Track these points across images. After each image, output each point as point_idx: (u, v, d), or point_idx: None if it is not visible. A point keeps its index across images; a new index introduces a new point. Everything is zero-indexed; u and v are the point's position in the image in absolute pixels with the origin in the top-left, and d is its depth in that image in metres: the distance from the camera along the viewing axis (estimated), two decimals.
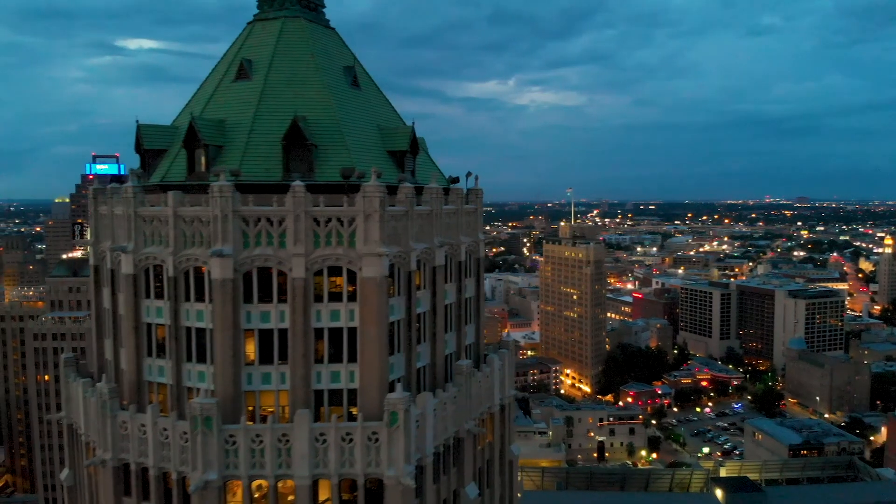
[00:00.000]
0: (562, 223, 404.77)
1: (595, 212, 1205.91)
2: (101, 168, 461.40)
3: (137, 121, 51.31)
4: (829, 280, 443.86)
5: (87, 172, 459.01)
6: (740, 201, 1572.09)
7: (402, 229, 47.05)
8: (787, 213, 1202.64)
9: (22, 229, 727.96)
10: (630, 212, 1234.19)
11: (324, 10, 57.80)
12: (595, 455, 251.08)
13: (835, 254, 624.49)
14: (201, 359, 45.99)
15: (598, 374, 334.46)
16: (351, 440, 43.49)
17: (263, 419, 45.01)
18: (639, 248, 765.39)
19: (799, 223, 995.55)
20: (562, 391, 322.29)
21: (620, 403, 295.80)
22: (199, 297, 45.82)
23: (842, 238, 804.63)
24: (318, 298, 45.14)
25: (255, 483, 44.52)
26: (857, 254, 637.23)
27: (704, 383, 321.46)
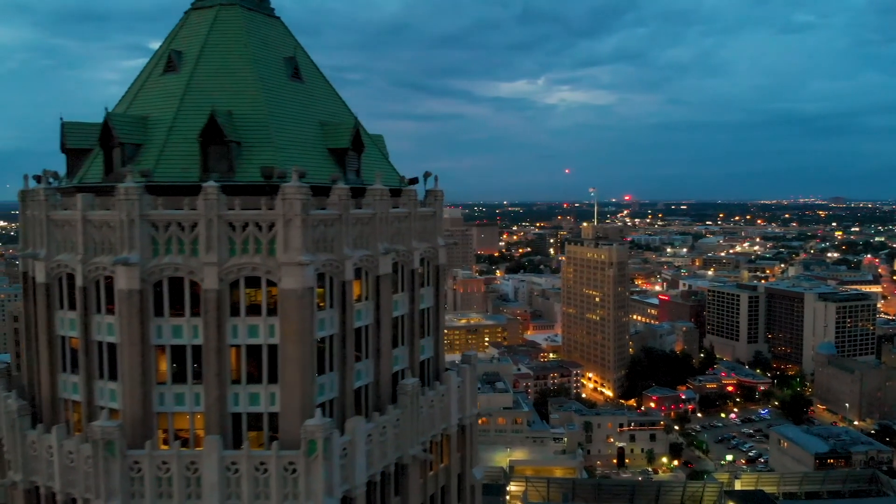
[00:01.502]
0: (584, 224, 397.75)
1: (625, 212, 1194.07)
2: None
3: (62, 119, 47.43)
4: (862, 282, 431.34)
5: None
6: (774, 201, 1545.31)
7: (334, 235, 42.57)
8: (822, 213, 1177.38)
9: None
10: (661, 212, 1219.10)
11: None
12: (615, 461, 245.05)
13: (869, 255, 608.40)
14: (113, 376, 41.86)
15: (621, 377, 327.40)
16: (266, 470, 39.03)
17: (185, 443, 40.90)
18: (668, 249, 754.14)
19: (833, 224, 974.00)
20: (583, 395, 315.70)
21: (643, 408, 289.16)
22: (110, 310, 41.73)
23: (877, 239, 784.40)
24: (235, 312, 40.79)
25: None
26: (892, 255, 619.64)
27: (730, 388, 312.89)
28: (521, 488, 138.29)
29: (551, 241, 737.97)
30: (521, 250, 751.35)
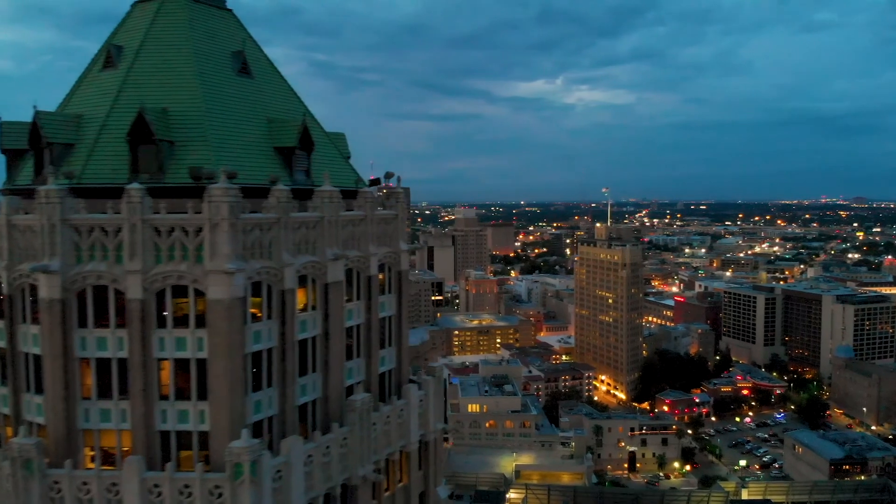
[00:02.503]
0: (597, 224, 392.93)
1: (644, 212, 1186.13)
2: None
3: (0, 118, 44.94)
4: (882, 284, 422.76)
5: None
6: (794, 201, 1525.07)
7: (272, 240, 39.75)
8: (843, 213, 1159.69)
9: None
10: (680, 212, 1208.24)
11: None
12: (626, 466, 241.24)
13: (890, 256, 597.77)
14: (39, 389, 39.31)
15: (635, 380, 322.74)
16: (190, 494, 36.27)
17: (112, 462, 38.30)
18: (687, 250, 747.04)
19: (855, 224, 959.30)
20: (595, 398, 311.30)
21: (656, 412, 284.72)
22: (36, 319, 39.18)
23: None
24: (162, 323, 38.09)
25: None
26: None
27: (745, 392, 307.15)
28: (521, 495, 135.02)
29: (567, 241, 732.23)
30: (536, 251, 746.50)
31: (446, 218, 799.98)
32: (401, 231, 49.20)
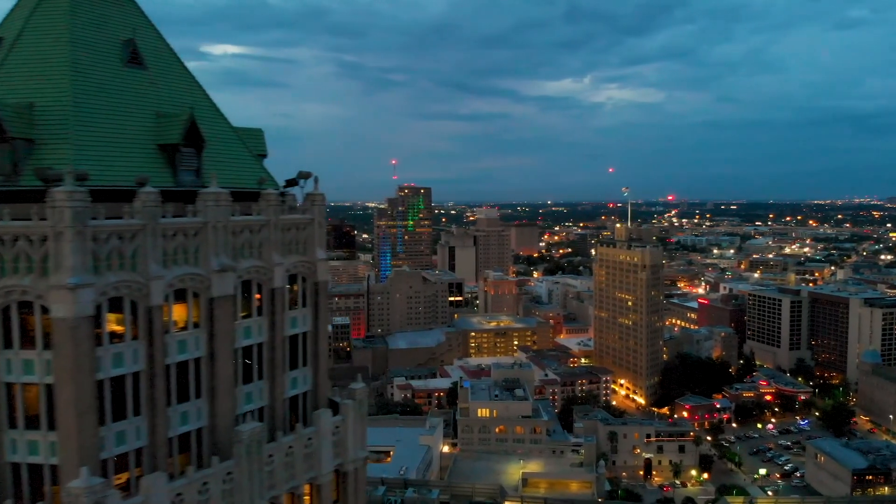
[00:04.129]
0: (617, 225, 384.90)
1: (673, 212, 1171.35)
2: None
3: None
4: None
5: None
6: (827, 201, 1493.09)
7: (136, 249, 35.17)
8: (877, 214, 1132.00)
9: None
10: (710, 212, 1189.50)
11: None
12: (641, 473, 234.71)
13: None
14: None
15: (654, 385, 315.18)
16: None
17: None
18: (715, 250, 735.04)
19: (888, 225, 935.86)
20: (613, 403, 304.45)
21: (675, 417, 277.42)
22: None
23: None
24: (9, 344, 33.73)
25: None
26: None
27: (768, 397, 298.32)
28: None
29: (593, 241, 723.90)
30: (561, 251, 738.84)
31: (471, 218, 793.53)
32: (318, 238, 44.34)
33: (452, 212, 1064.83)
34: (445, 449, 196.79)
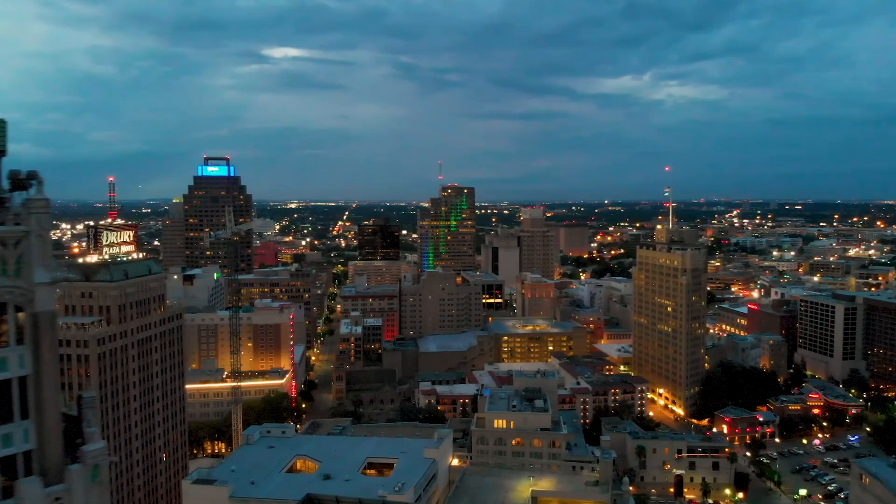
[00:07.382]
0: (658, 227, 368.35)
1: (735, 212, 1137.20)
2: (212, 170, 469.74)
3: None
4: None
5: (200, 174, 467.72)
6: None
7: None
8: None
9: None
10: (773, 212, 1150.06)
11: None
12: (672, 490, 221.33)
13: None
14: None
15: (694, 395, 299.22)
16: None
17: None
18: (775, 253, 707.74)
19: None
20: (650, 414, 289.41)
21: (714, 430, 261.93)
22: None
23: None
24: None
25: None
26: None
27: (816, 411, 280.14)
28: None
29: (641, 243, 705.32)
30: (613, 252, 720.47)
31: (522, 218, 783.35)
32: (39, 255, 34.79)
33: (505, 211, 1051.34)
34: (455, 462, 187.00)
